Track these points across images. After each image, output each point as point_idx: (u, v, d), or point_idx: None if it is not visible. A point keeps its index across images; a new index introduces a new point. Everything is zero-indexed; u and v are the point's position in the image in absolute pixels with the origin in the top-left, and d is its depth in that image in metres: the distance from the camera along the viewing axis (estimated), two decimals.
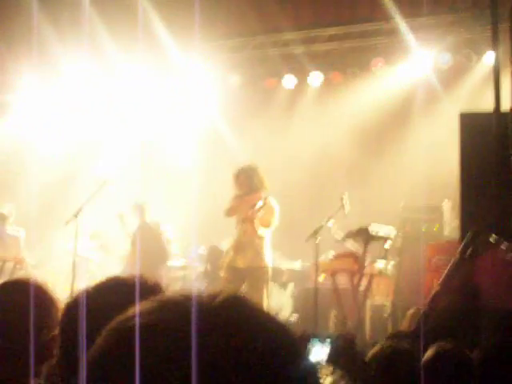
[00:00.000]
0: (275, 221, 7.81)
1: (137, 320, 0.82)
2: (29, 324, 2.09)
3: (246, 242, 7.63)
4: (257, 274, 7.53)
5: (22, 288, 2.33)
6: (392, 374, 3.04)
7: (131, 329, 0.81)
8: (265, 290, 7.55)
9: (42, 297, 2.33)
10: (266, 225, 7.72)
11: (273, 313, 0.87)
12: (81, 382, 1.36)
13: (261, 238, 7.67)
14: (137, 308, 0.85)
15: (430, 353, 3.36)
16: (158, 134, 11.97)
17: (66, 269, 9.46)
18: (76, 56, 10.71)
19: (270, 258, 7.87)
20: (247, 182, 7.85)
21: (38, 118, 12.23)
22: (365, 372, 2.50)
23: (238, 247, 7.64)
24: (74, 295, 1.71)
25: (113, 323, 0.85)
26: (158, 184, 10.84)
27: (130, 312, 0.85)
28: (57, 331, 1.69)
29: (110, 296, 1.59)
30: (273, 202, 7.82)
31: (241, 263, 7.61)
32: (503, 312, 4.51)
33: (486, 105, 6.98)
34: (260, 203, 7.63)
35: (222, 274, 7.79)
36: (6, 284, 2.53)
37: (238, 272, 7.53)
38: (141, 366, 0.78)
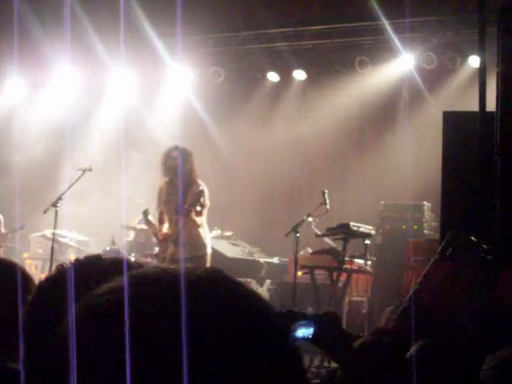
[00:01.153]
0: (208, 203, 7.61)
1: (114, 296, 0.79)
2: (11, 303, 2.05)
3: (185, 233, 7.50)
4: (199, 263, 7.43)
5: (5, 268, 2.30)
6: (376, 365, 3.06)
7: (108, 303, 0.78)
8: None
9: (24, 278, 2.29)
10: (201, 213, 7.53)
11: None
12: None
13: (198, 226, 7.53)
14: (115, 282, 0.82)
15: (413, 349, 3.39)
16: (141, 126, 11.91)
17: (44, 256, 9.40)
18: (59, 45, 10.65)
19: (209, 243, 7.70)
20: (178, 163, 7.56)
21: (22, 104, 12.15)
22: (351, 352, 2.51)
23: (177, 239, 7.46)
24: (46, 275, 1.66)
25: (87, 297, 0.81)
26: (141, 177, 10.79)
27: (105, 286, 0.82)
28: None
29: (85, 274, 1.57)
30: (202, 185, 7.57)
31: (182, 254, 7.49)
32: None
33: (470, 107, 7.04)
34: (199, 195, 7.33)
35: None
36: None
37: (180, 264, 7.37)
38: (126, 338, 0.74)
